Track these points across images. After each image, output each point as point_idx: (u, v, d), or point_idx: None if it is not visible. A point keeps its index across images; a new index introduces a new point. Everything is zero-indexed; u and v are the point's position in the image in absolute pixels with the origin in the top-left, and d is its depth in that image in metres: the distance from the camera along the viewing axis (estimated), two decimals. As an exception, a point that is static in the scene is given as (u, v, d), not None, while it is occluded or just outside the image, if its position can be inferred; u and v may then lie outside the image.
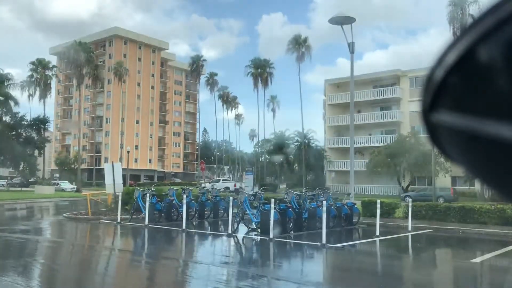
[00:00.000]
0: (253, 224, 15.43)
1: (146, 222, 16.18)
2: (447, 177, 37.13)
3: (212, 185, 36.38)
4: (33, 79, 65.22)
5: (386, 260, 12.27)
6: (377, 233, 14.86)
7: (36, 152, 58.49)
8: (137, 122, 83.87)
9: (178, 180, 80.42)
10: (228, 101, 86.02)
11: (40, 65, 65.11)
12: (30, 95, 66.30)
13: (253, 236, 14.90)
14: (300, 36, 58.93)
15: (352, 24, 20.00)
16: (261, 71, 69.14)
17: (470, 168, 0.47)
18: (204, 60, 79.00)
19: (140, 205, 17.70)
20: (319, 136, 72.67)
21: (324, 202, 13.71)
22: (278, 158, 56.70)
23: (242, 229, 15.81)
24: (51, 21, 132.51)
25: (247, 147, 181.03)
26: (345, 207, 16.89)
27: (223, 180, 59.88)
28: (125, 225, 16.95)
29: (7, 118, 54.84)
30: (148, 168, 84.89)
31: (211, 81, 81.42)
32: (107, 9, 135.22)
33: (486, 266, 10.93)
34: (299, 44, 58.38)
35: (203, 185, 42.93)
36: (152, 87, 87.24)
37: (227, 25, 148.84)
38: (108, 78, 77.20)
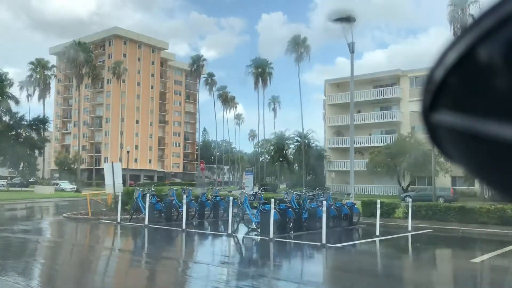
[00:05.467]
0: (253, 224, 15.42)
1: (146, 222, 16.18)
2: (447, 177, 37.14)
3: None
4: (32, 79, 65.25)
5: (386, 260, 12.27)
6: (377, 233, 14.86)
7: (36, 152, 58.53)
8: (137, 122, 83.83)
9: (178, 180, 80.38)
10: (227, 101, 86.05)
11: (40, 65, 65.14)
12: (29, 95, 66.44)
13: (253, 236, 14.89)
14: (299, 37, 58.93)
15: (352, 23, 20.03)
16: (261, 71, 69.16)
17: (470, 168, 0.47)
18: (205, 60, 79.15)
19: (140, 205, 17.70)
20: (319, 136, 72.59)
21: (324, 202, 13.71)
22: (278, 158, 56.69)
23: (242, 229, 15.83)
24: (50, 20, 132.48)
25: (247, 147, 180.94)
26: (345, 207, 16.89)
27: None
28: (125, 225, 16.94)
29: (6, 118, 54.88)
30: (148, 168, 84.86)
31: (210, 81, 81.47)
32: (106, 8, 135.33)
33: (486, 266, 10.93)
34: (298, 44, 58.36)
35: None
36: (152, 87, 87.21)
37: (227, 24, 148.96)
38: (108, 78, 77.21)
